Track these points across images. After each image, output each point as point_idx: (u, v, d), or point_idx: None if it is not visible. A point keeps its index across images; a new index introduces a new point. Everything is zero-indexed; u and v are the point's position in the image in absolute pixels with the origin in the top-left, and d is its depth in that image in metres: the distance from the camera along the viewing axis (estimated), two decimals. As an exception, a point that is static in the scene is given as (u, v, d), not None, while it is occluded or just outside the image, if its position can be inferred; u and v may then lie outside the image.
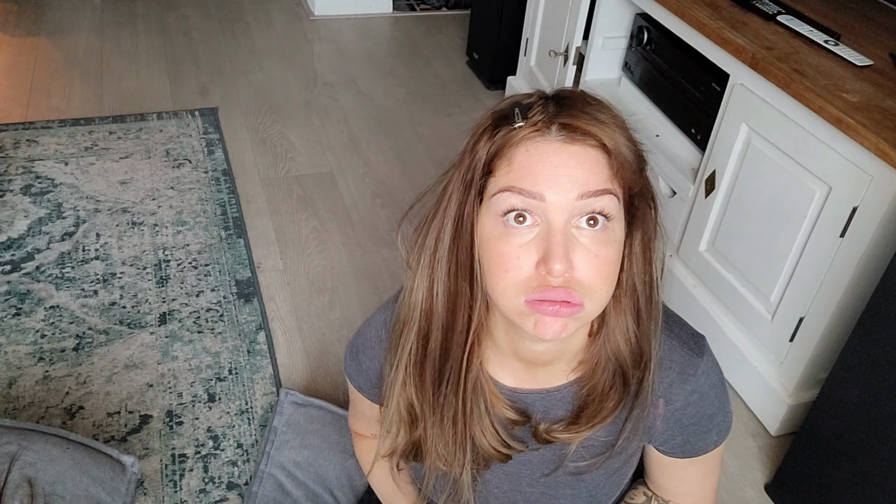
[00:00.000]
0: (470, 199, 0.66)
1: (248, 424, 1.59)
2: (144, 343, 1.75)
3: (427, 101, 2.90)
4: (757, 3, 1.75)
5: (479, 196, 0.66)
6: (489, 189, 0.65)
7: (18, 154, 2.37)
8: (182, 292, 1.90)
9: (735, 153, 1.68)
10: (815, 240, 1.49)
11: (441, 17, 3.64)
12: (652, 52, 2.08)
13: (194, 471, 1.49)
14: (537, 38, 2.59)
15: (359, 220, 2.25)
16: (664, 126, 2.07)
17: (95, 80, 2.85)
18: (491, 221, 0.65)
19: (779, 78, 1.49)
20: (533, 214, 0.63)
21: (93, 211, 2.15)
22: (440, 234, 0.69)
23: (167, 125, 2.60)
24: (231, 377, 1.69)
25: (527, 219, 0.63)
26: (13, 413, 1.56)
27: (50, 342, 1.73)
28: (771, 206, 1.59)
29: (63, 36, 3.15)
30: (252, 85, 2.92)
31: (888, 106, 1.38)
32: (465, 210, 0.66)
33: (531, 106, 0.65)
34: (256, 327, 1.82)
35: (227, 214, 2.19)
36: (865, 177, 1.35)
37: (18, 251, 1.98)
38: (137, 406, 1.61)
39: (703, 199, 1.80)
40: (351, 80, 3.02)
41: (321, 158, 2.52)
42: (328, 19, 3.51)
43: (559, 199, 0.62)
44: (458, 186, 0.67)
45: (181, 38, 3.23)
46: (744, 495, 1.55)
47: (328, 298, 1.96)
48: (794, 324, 1.57)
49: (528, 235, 0.63)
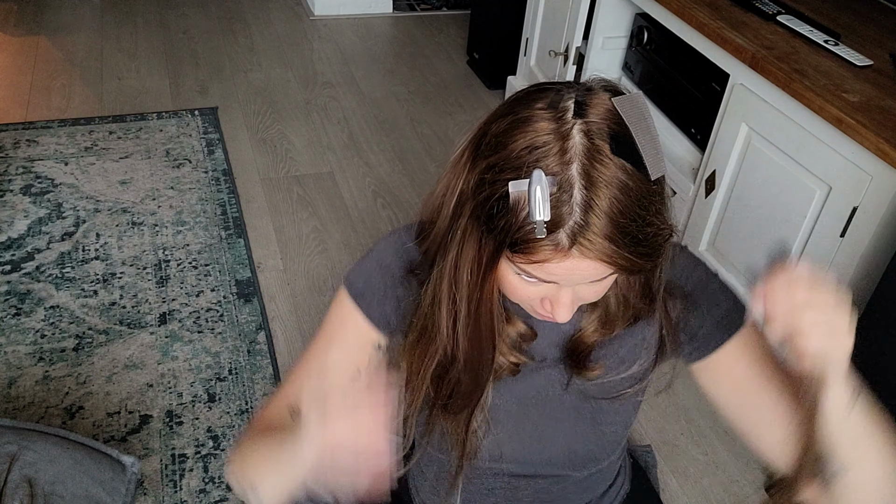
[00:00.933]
0: (488, 251, 0.66)
1: (248, 424, 1.59)
2: (144, 343, 1.75)
3: (428, 101, 2.90)
4: (757, 3, 1.75)
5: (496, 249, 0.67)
6: (505, 246, 0.66)
7: (18, 154, 2.37)
8: (182, 292, 1.90)
9: (735, 153, 1.68)
10: (815, 240, 1.49)
11: (441, 17, 3.64)
12: (652, 52, 2.08)
13: (194, 471, 1.49)
14: (537, 37, 2.59)
15: (359, 220, 2.25)
16: (664, 126, 2.07)
17: (95, 80, 2.85)
18: (504, 261, 0.67)
19: (779, 78, 1.49)
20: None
21: (93, 211, 2.15)
22: (457, 268, 0.70)
23: (167, 125, 2.60)
24: (231, 377, 1.69)
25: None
26: (13, 413, 1.56)
27: (50, 342, 1.73)
28: (771, 206, 1.59)
29: (63, 35, 3.15)
30: (252, 84, 2.92)
31: (888, 106, 1.37)
32: (483, 257, 0.67)
33: (556, 209, 0.60)
34: (256, 327, 1.82)
35: (227, 214, 2.19)
36: (865, 177, 1.35)
37: (18, 251, 1.98)
38: (137, 406, 1.61)
39: (703, 199, 1.80)
40: (351, 79, 3.02)
41: (321, 158, 2.52)
42: (328, 19, 3.51)
43: (570, 285, 0.66)
44: (474, 228, 0.67)
45: (181, 37, 3.23)
46: (744, 495, 1.55)
47: (328, 298, 1.95)
48: (794, 324, 1.56)
49: (538, 284, 0.67)
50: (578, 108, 0.61)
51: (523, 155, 0.61)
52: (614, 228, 0.60)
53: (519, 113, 0.63)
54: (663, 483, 1.56)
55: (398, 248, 0.81)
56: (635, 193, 0.60)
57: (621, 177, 0.60)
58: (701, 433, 1.67)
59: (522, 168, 0.60)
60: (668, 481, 1.56)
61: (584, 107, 0.62)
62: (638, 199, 0.61)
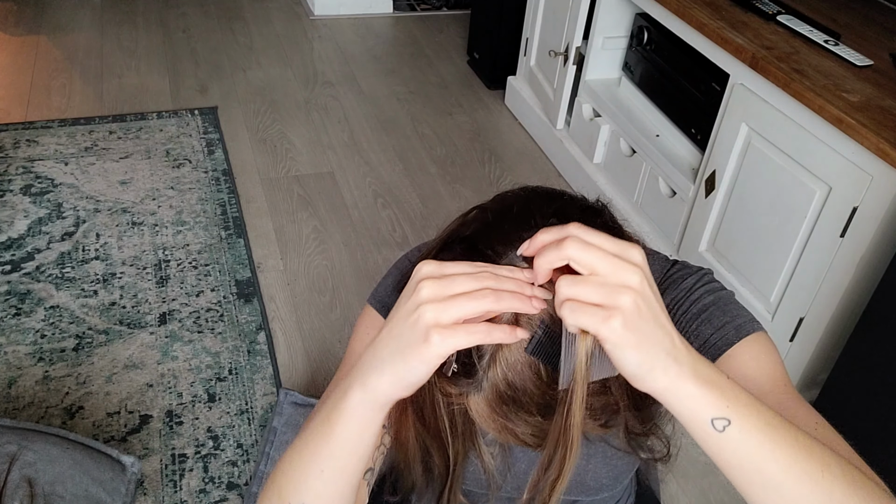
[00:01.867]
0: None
1: (248, 424, 1.59)
2: (144, 343, 1.75)
3: (428, 101, 2.90)
4: (757, 3, 1.75)
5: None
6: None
7: (18, 154, 2.37)
8: (182, 292, 1.90)
9: (735, 153, 1.68)
10: (815, 240, 1.49)
11: (441, 17, 3.64)
12: (652, 52, 2.08)
13: (194, 471, 1.49)
14: (537, 37, 2.59)
15: (359, 220, 2.25)
16: (664, 126, 2.07)
17: (95, 79, 2.85)
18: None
19: (779, 78, 1.49)
20: None
21: (93, 211, 2.15)
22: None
23: (167, 125, 2.60)
24: (231, 377, 1.69)
25: None
26: (13, 413, 1.56)
27: (50, 342, 1.73)
28: (771, 206, 1.59)
29: (63, 35, 3.15)
30: (252, 84, 2.92)
31: (888, 106, 1.37)
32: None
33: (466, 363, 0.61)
34: (256, 327, 1.82)
35: (227, 214, 2.19)
36: (865, 177, 1.35)
37: (18, 251, 1.98)
38: (137, 406, 1.61)
39: (703, 199, 1.80)
40: (351, 79, 3.02)
41: (322, 158, 2.52)
42: (328, 19, 3.51)
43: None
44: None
45: (180, 37, 3.23)
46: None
47: (328, 298, 1.96)
48: (794, 324, 1.57)
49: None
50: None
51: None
52: (498, 399, 0.60)
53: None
54: (663, 483, 1.56)
55: (414, 260, 0.81)
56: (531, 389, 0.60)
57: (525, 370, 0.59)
58: (701, 433, 1.67)
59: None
60: (668, 482, 1.56)
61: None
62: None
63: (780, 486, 0.53)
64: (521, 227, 0.61)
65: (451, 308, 0.53)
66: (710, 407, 0.53)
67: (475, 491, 0.84)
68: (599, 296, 0.51)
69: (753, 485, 0.54)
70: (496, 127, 2.77)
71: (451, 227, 0.68)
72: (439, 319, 0.53)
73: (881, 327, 1.23)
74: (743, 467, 0.54)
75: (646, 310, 0.52)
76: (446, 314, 0.53)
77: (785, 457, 0.53)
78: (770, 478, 0.53)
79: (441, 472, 0.74)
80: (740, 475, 0.54)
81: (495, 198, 0.69)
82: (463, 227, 0.66)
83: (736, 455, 0.53)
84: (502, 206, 0.66)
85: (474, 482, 0.83)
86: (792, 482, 0.53)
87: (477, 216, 0.66)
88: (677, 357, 0.53)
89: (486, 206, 0.68)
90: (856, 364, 1.29)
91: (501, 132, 2.74)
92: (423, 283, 0.54)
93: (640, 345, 0.51)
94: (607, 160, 2.28)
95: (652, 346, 0.52)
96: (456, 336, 0.53)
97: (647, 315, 0.52)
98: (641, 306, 0.52)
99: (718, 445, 0.53)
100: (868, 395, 1.26)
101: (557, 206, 0.65)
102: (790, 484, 0.53)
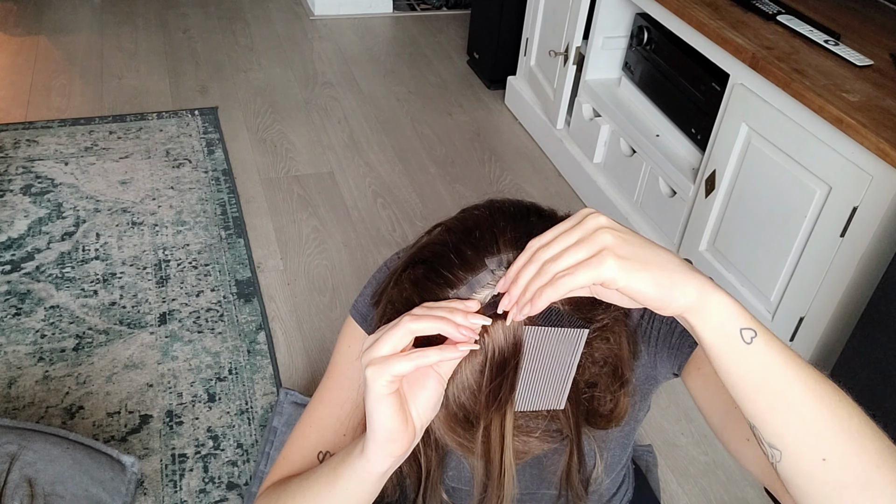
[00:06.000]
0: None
1: (248, 424, 1.59)
2: (144, 343, 1.75)
3: (428, 101, 2.90)
4: (757, 3, 1.75)
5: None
6: None
7: (18, 154, 2.37)
8: (182, 292, 1.90)
9: (735, 153, 1.68)
10: (815, 240, 1.49)
11: (441, 17, 3.64)
12: (652, 52, 2.08)
13: (194, 471, 1.49)
14: (537, 37, 2.59)
15: (359, 220, 2.25)
16: (664, 126, 2.07)
17: (95, 79, 2.85)
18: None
19: (779, 78, 1.49)
20: None
21: (93, 211, 2.15)
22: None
23: (167, 125, 2.60)
24: (231, 377, 1.69)
25: None
26: (13, 413, 1.56)
27: (50, 342, 1.73)
28: (771, 206, 1.59)
29: (63, 35, 3.15)
30: (252, 84, 2.92)
31: (888, 106, 1.37)
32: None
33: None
34: (256, 327, 1.82)
35: (227, 214, 2.19)
36: (865, 177, 1.35)
37: (18, 251, 1.98)
38: (137, 406, 1.61)
39: (703, 199, 1.80)
40: (351, 79, 3.02)
41: (321, 158, 2.52)
42: (328, 19, 3.51)
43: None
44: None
45: (181, 37, 3.23)
46: (744, 495, 1.55)
47: (328, 298, 1.96)
48: (794, 324, 1.57)
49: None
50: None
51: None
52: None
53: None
54: (663, 483, 1.56)
55: (392, 266, 0.82)
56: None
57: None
58: (701, 433, 1.67)
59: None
60: (668, 481, 1.56)
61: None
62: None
63: (801, 408, 0.52)
64: (483, 252, 0.62)
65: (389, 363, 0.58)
66: (740, 316, 0.52)
67: (460, 488, 0.84)
68: (582, 252, 0.52)
69: (775, 410, 0.53)
70: (496, 127, 2.77)
71: (417, 243, 0.69)
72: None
73: (881, 327, 1.23)
74: (767, 386, 0.52)
75: (630, 236, 0.53)
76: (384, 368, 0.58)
77: (807, 377, 0.52)
78: (792, 400, 0.52)
79: (413, 480, 0.76)
80: (762, 398, 0.53)
81: (459, 215, 0.69)
82: (425, 249, 0.66)
83: (761, 372, 0.52)
84: (465, 226, 0.66)
85: (458, 479, 0.84)
86: (812, 404, 0.52)
87: (440, 237, 0.66)
88: (691, 268, 0.53)
89: (450, 225, 0.68)
90: (856, 364, 1.29)
91: (501, 132, 2.74)
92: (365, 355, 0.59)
93: (647, 266, 0.51)
94: (607, 160, 2.28)
95: (659, 264, 0.52)
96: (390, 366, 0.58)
97: (635, 240, 0.53)
98: (624, 236, 0.53)
99: (745, 359, 0.52)
100: (869, 395, 1.27)
101: (523, 229, 0.64)
102: (811, 406, 0.52)
